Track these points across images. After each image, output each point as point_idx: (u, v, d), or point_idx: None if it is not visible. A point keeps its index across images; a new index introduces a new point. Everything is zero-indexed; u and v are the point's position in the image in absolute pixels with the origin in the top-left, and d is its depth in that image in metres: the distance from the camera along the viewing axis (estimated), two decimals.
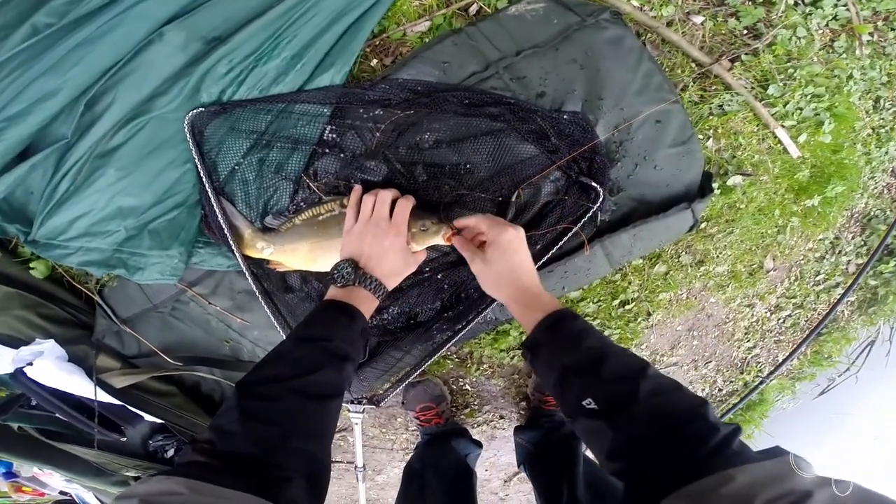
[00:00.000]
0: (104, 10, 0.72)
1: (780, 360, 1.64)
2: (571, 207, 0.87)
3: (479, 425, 1.53)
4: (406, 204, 0.72)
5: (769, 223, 1.35)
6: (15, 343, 1.01)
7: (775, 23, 1.05)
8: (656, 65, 0.89)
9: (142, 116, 0.75)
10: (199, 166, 0.76)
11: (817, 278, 1.60)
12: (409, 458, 1.62)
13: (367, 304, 0.67)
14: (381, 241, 0.69)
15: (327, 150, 0.78)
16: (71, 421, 1.08)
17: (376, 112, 0.77)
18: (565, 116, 0.82)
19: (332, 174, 0.79)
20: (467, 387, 1.44)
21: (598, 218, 0.92)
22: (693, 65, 1.02)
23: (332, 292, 0.68)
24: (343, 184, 0.79)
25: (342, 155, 0.78)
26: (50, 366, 0.97)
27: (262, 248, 0.81)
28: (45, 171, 0.78)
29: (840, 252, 1.58)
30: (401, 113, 0.77)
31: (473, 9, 0.87)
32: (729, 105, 1.07)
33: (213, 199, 0.76)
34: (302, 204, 0.81)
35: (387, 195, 0.72)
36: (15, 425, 1.12)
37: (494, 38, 0.82)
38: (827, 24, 1.14)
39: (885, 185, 1.51)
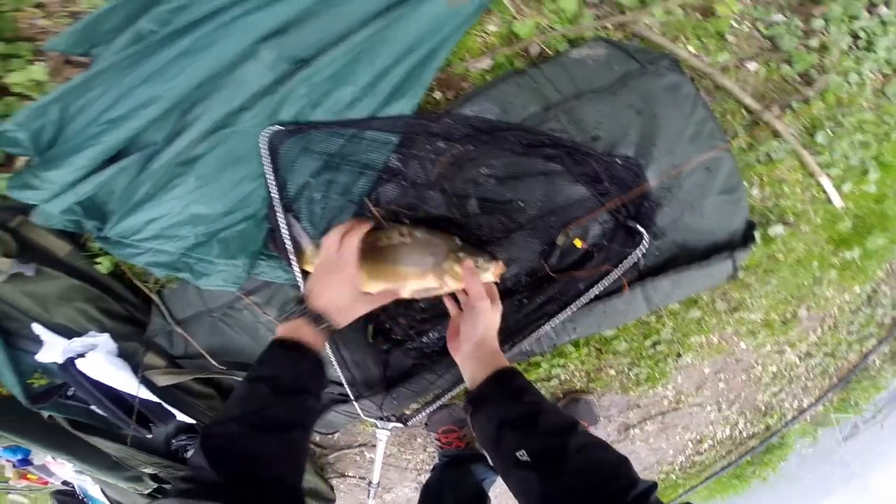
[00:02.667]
0: (207, 21, 0.79)
1: (806, 406, 1.67)
2: (616, 250, 0.92)
3: None
4: (351, 238, 0.75)
5: (807, 274, 1.36)
6: (68, 334, 1.08)
7: (828, 69, 1.08)
8: (710, 112, 0.94)
9: (225, 129, 0.82)
10: (270, 182, 0.83)
11: (851, 328, 1.61)
12: (420, 479, 1.65)
13: (314, 337, 0.71)
14: (328, 276, 0.74)
15: (391, 177, 0.85)
16: (107, 415, 1.13)
17: (439, 144, 0.83)
18: (618, 161, 0.88)
19: (392, 200, 0.85)
20: None
21: (641, 262, 0.96)
22: (744, 111, 1.06)
23: (280, 329, 0.73)
24: (402, 211, 0.85)
25: (404, 183, 0.84)
26: (101, 359, 1.03)
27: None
28: (129, 173, 0.86)
29: (876, 304, 1.58)
30: (462, 147, 0.83)
31: (535, 50, 0.94)
32: (776, 153, 1.11)
33: (280, 215, 0.83)
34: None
35: (335, 232, 0.76)
36: (46, 414, 1.16)
37: (556, 81, 0.88)
38: (879, 69, 1.17)
39: None
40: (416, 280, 0.81)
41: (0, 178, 0.94)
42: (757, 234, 1.13)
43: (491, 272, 0.80)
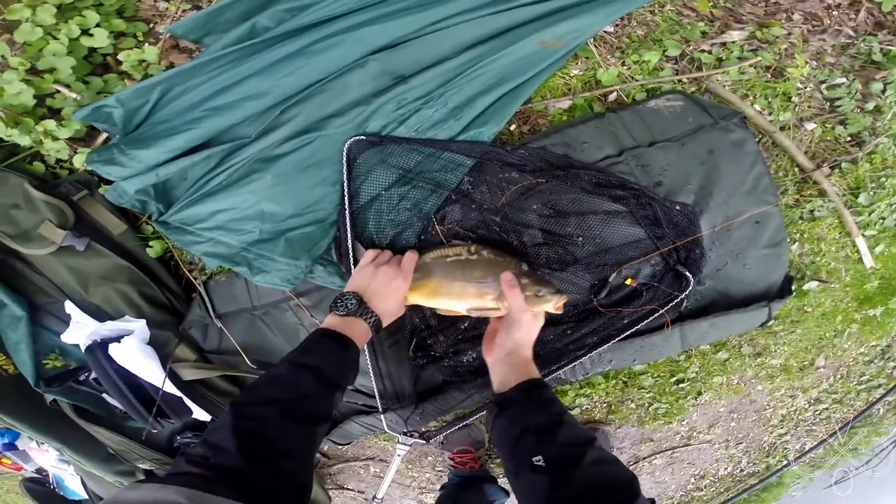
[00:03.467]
0: (322, 26, 0.84)
1: (808, 448, 1.77)
2: (663, 292, 0.96)
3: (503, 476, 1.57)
4: (412, 255, 0.83)
5: (829, 327, 1.44)
6: (100, 316, 1.08)
7: (879, 132, 1.15)
8: (767, 168, 1.00)
9: (313, 132, 0.85)
10: (345, 190, 0.86)
11: (861, 378, 1.70)
12: (422, 497, 1.65)
13: (362, 336, 0.74)
14: (388, 282, 0.78)
15: (459, 198, 0.88)
16: (123, 405, 1.12)
17: (511, 174, 0.88)
18: (677, 207, 0.93)
19: (457, 221, 0.89)
20: None
21: (684, 304, 1.01)
22: (797, 169, 1.13)
23: (330, 321, 0.74)
24: (465, 232, 0.89)
25: (471, 205, 0.88)
26: (133, 346, 1.03)
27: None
28: (211, 162, 0.88)
29: (889, 358, 1.67)
30: (533, 179, 0.87)
31: (613, 96, 1.00)
32: (820, 211, 1.17)
33: (349, 222, 0.86)
34: (429, 239, 0.90)
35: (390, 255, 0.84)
36: (50, 398, 1.13)
37: (632, 127, 0.93)
38: None
39: None
40: (475, 299, 0.83)
41: (81, 152, 0.96)
42: (794, 288, 1.19)
43: (553, 304, 0.81)
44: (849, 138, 1.16)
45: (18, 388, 1.10)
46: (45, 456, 1.50)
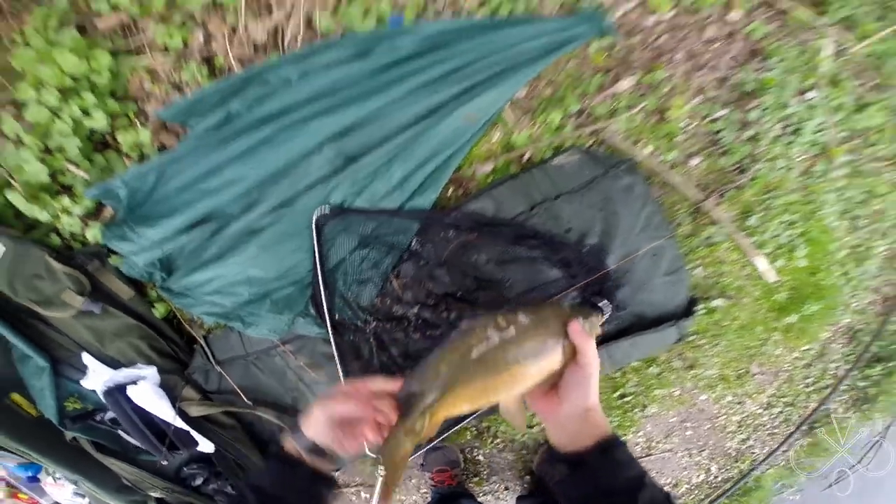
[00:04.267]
0: (285, 114, 1.08)
1: (769, 452, 1.92)
2: None
3: (484, 494, 1.75)
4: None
5: (752, 337, 1.64)
6: (115, 365, 1.30)
7: (759, 157, 1.36)
8: (657, 207, 1.25)
9: (286, 207, 1.09)
10: (316, 255, 1.09)
11: (807, 381, 1.88)
12: None
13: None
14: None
15: (410, 256, 1.12)
16: (138, 439, 1.32)
17: (450, 233, 1.12)
18: (585, 249, 1.17)
19: (411, 276, 1.12)
20: (480, 457, 1.69)
21: (604, 329, 1.24)
22: (687, 203, 1.37)
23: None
24: (417, 284, 1.12)
25: (421, 262, 1.11)
26: (147, 388, 1.24)
27: (422, 427, 0.65)
28: (203, 236, 1.11)
29: (828, 359, 1.85)
30: (467, 236, 1.11)
31: (527, 156, 1.25)
32: (715, 237, 1.41)
33: (321, 283, 1.09)
34: (389, 292, 1.12)
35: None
36: (70, 436, 1.33)
37: (541, 184, 1.18)
38: (807, 151, 1.44)
39: (868, 301, 1.82)
40: (540, 376, 0.65)
41: (92, 225, 1.19)
42: (700, 307, 1.43)
43: (598, 327, 0.71)
44: (732, 167, 1.37)
45: (41, 427, 1.30)
46: (60, 490, 1.66)
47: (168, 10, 1.20)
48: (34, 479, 1.64)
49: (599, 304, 1.17)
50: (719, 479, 2.00)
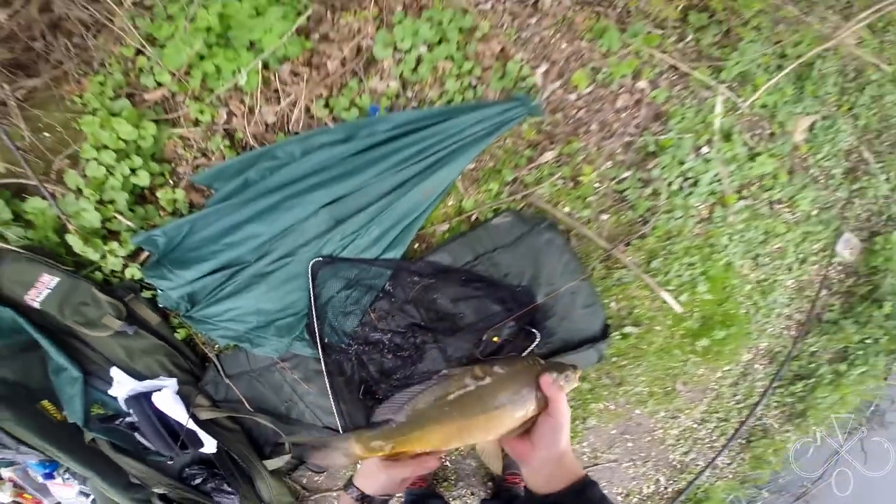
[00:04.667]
0: (287, 187, 1.42)
1: (707, 463, 2.18)
2: (520, 345, 1.56)
3: (454, 499, 2.03)
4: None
5: (672, 359, 1.96)
6: (140, 377, 1.60)
7: (658, 209, 1.72)
8: (573, 255, 1.62)
9: (290, 257, 1.43)
10: (311, 294, 1.43)
11: (736, 398, 2.16)
12: None
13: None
14: (378, 471, 0.76)
15: (384, 296, 1.47)
16: (154, 439, 1.61)
17: (415, 278, 1.47)
18: (518, 289, 1.54)
19: (385, 310, 1.47)
20: (448, 464, 1.98)
21: (535, 352, 1.60)
22: (601, 250, 1.76)
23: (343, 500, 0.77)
24: (390, 316, 1.47)
25: (392, 299, 1.46)
26: (169, 395, 1.55)
27: (380, 447, 0.74)
28: (223, 278, 1.44)
29: (753, 378, 2.14)
30: (428, 280, 1.47)
31: (474, 217, 1.63)
32: (625, 278, 1.80)
33: (314, 315, 1.43)
34: (367, 322, 1.47)
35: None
36: (91, 437, 1.59)
37: (483, 239, 1.55)
38: (705, 200, 1.79)
39: (783, 327, 2.14)
40: (512, 423, 0.73)
41: (132, 265, 1.51)
42: (615, 333, 1.80)
43: (575, 381, 0.78)
44: (637, 219, 1.76)
45: (64, 430, 1.56)
46: (64, 490, 1.88)
47: (202, 89, 1.55)
48: (50, 476, 1.89)
49: (533, 331, 1.54)
50: (669, 490, 2.20)
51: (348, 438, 0.75)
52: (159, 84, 1.55)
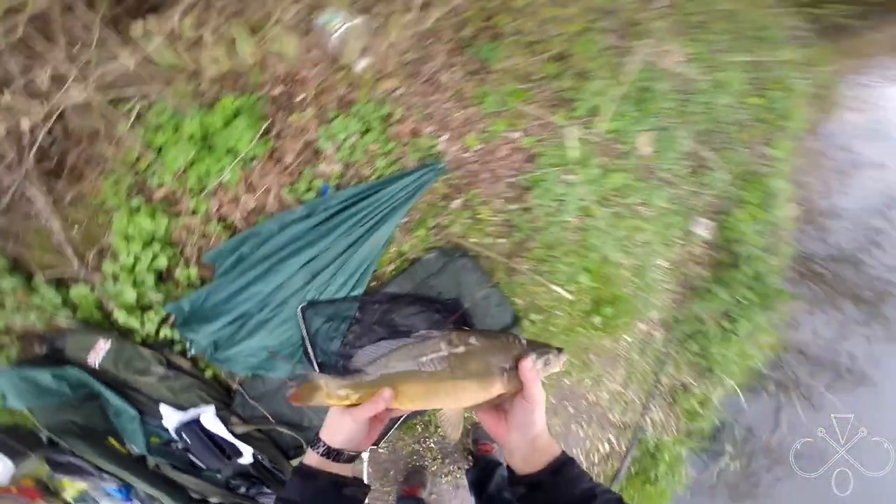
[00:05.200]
0: (276, 253, 2.02)
1: (638, 421, 2.69)
2: None
3: (447, 475, 2.46)
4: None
5: (578, 335, 2.53)
6: (184, 408, 2.18)
7: (539, 228, 2.41)
8: (483, 271, 2.29)
9: (283, 305, 2.03)
10: (303, 330, 2.04)
11: (646, 361, 2.66)
12: None
13: (338, 467, 0.77)
14: (342, 418, 0.78)
15: (356, 322, 2.11)
16: (205, 454, 2.19)
17: (376, 306, 2.11)
18: (449, 301, 2.21)
19: (358, 332, 2.10)
20: (432, 444, 2.51)
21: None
22: (502, 264, 2.44)
23: (308, 458, 0.79)
24: (363, 335, 2.11)
25: (362, 324, 2.10)
26: (211, 417, 2.14)
27: (346, 396, 0.78)
28: (236, 327, 2.03)
29: (656, 344, 2.67)
30: (386, 304, 2.12)
31: (412, 256, 2.28)
32: (524, 280, 2.49)
33: (308, 345, 2.04)
34: (348, 342, 2.11)
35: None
36: (153, 463, 2.21)
37: (419, 271, 2.20)
38: (575, 214, 2.44)
39: (669, 299, 2.70)
40: (477, 393, 0.75)
41: (165, 327, 2.07)
42: (523, 320, 2.49)
43: (560, 364, 0.79)
44: (525, 238, 2.41)
45: (131, 460, 2.14)
46: None
47: (198, 186, 2.11)
48: (128, 498, 2.38)
49: (465, 328, 2.21)
50: (623, 448, 2.54)
51: (322, 377, 0.78)
52: (160, 185, 2.11)
